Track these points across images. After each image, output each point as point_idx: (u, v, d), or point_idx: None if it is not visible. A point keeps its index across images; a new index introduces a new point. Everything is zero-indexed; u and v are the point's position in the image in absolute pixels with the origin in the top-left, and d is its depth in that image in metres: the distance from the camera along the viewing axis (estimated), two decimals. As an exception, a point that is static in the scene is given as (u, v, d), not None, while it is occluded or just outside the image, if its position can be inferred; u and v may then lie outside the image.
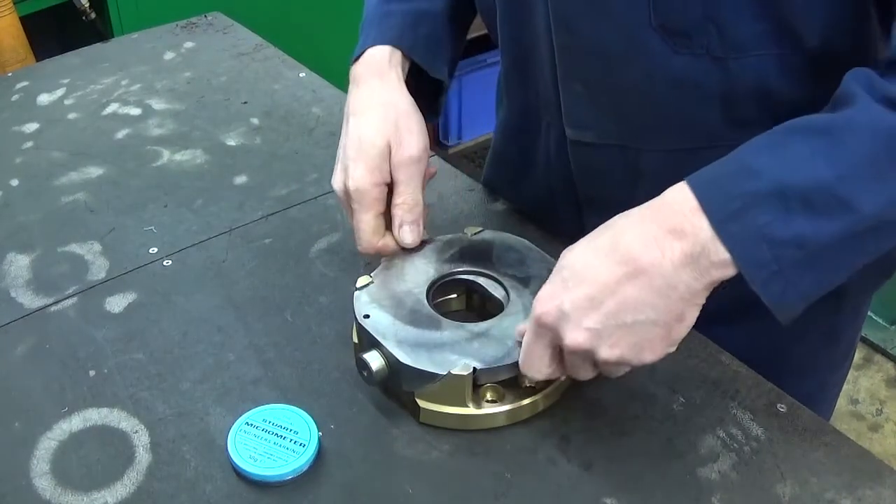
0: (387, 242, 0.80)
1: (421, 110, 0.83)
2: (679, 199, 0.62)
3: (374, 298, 0.77)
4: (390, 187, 0.79)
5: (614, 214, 0.87)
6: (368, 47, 0.84)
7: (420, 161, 0.80)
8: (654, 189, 0.82)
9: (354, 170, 0.78)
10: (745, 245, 0.60)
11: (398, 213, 0.79)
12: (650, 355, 0.65)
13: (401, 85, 0.83)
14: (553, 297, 0.66)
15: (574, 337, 0.64)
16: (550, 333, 0.66)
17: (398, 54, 0.84)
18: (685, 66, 0.73)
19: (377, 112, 0.80)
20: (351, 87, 0.84)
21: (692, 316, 0.64)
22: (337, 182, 0.80)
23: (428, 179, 0.84)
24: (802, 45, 0.71)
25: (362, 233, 0.79)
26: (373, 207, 0.78)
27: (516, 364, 0.70)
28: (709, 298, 0.63)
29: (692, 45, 0.71)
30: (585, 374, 0.67)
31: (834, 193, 0.59)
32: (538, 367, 0.69)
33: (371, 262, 0.83)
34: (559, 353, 0.67)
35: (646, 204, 0.65)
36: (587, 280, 0.64)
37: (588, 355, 0.65)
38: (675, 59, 0.72)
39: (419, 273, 0.80)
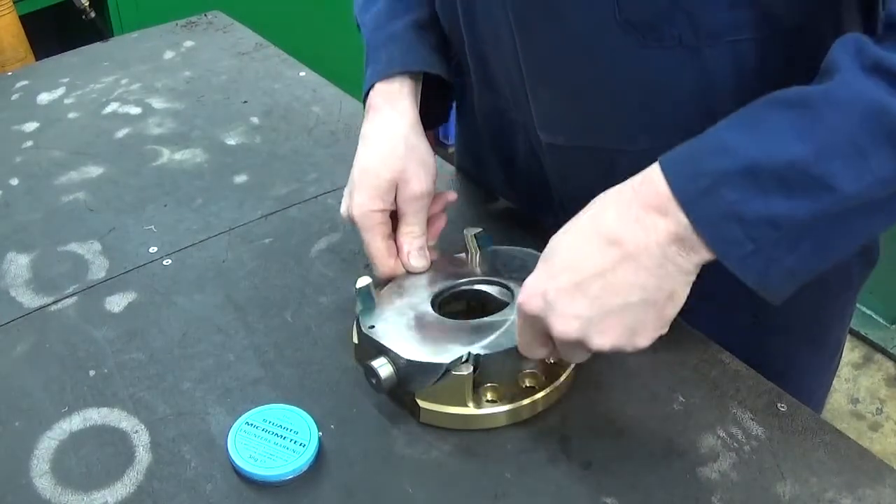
0: (398, 265, 0.82)
1: (431, 116, 0.83)
2: (656, 178, 0.61)
3: (379, 308, 0.77)
4: (394, 213, 0.81)
5: None
6: (379, 80, 0.84)
7: (427, 196, 0.81)
8: None
9: (358, 196, 0.80)
10: (715, 224, 0.58)
11: (405, 241, 0.81)
12: (643, 339, 0.63)
13: (413, 114, 0.84)
14: (537, 285, 0.64)
15: (562, 327, 0.63)
16: (538, 321, 0.65)
17: (409, 82, 0.84)
18: (655, 60, 0.70)
19: (387, 144, 0.81)
20: (366, 114, 0.85)
21: (683, 293, 0.62)
22: (343, 207, 0.82)
23: (447, 207, 0.86)
24: (781, 28, 0.68)
25: (376, 258, 0.80)
26: (377, 231, 0.80)
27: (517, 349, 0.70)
28: (689, 296, 0.62)
29: (662, 38, 0.69)
30: (579, 358, 0.66)
31: (809, 172, 0.56)
32: (533, 351, 0.68)
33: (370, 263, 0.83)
34: (551, 337, 0.66)
35: (626, 183, 0.63)
36: (571, 266, 0.63)
37: (578, 344, 0.64)
38: (643, 54, 0.70)
39: (424, 287, 0.80)
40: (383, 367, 0.72)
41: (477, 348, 0.71)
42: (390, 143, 0.81)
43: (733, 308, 0.83)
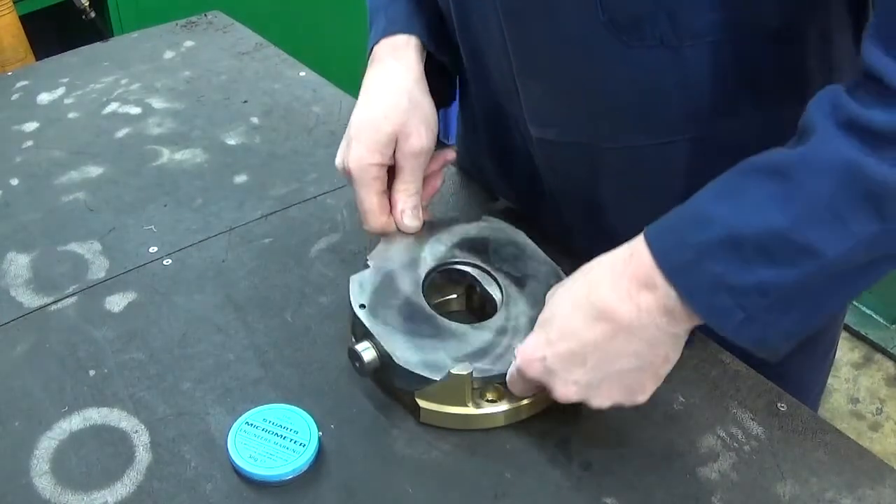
0: (390, 222, 0.81)
1: (434, 99, 0.83)
2: (643, 250, 0.62)
3: (370, 286, 0.76)
4: (391, 168, 0.80)
5: (582, 211, 0.87)
6: (384, 36, 0.84)
7: (426, 153, 0.80)
8: (616, 186, 0.82)
9: (356, 148, 0.78)
10: (703, 295, 0.60)
11: (400, 198, 0.80)
12: (642, 396, 0.67)
13: (419, 69, 0.83)
14: (537, 350, 0.67)
15: (564, 392, 0.67)
16: (537, 381, 0.68)
17: (415, 40, 0.84)
18: (639, 59, 0.71)
19: (390, 97, 0.80)
20: (369, 65, 0.84)
21: (676, 353, 0.65)
22: (338, 158, 0.81)
23: (445, 165, 0.85)
24: (764, 30, 0.69)
25: (366, 212, 0.79)
26: (372, 186, 0.78)
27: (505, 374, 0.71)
28: None
29: (644, 37, 0.69)
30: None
31: (790, 240, 0.57)
32: (523, 394, 0.72)
33: (370, 264, 0.82)
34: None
35: (618, 252, 0.65)
36: (568, 336, 0.66)
37: (579, 404, 0.67)
38: (627, 53, 0.70)
39: (416, 260, 0.80)
40: (367, 351, 0.72)
41: (468, 367, 0.71)
42: (394, 95, 0.80)
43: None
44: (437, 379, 0.70)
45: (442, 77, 0.90)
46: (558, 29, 0.73)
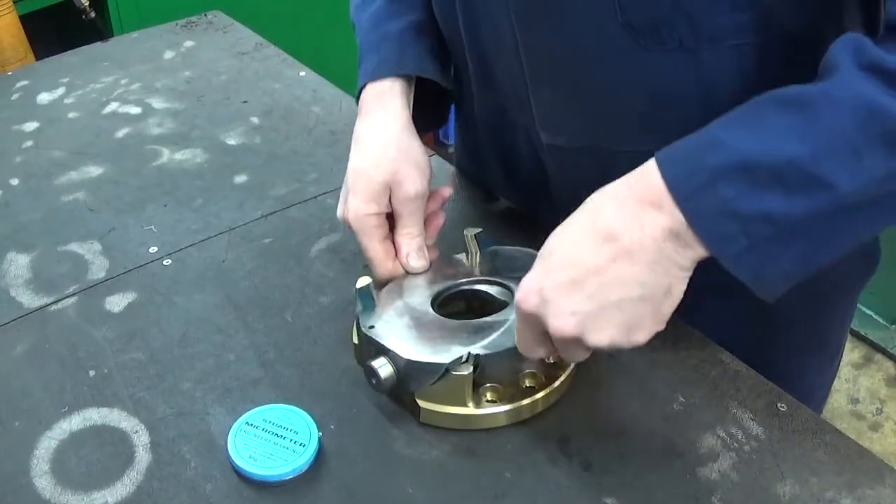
0: (397, 266, 0.81)
1: (430, 118, 0.83)
2: (652, 173, 0.61)
3: (379, 308, 0.77)
4: (391, 214, 0.81)
5: None
6: (370, 81, 0.84)
7: (422, 197, 0.81)
8: None
9: (352, 201, 0.79)
10: (710, 219, 0.58)
11: (403, 242, 0.81)
12: (641, 335, 0.63)
13: (405, 115, 0.83)
14: (533, 282, 0.64)
15: (558, 324, 0.63)
16: (535, 319, 0.65)
17: (400, 82, 0.84)
18: (656, 63, 0.70)
19: (379, 147, 0.81)
20: (358, 115, 0.85)
21: (680, 289, 0.62)
22: (339, 210, 0.82)
23: (444, 203, 0.86)
24: (782, 32, 0.68)
25: (374, 261, 0.80)
26: (374, 235, 0.80)
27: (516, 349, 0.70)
28: (687, 291, 0.62)
29: (662, 40, 0.69)
30: (579, 357, 0.66)
31: (807, 170, 0.57)
32: (532, 350, 0.68)
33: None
34: (549, 335, 0.66)
35: (623, 178, 0.63)
36: (568, 263, 0.63)
37: (576, 341, 0.63)
38: (644, 56, 0.70)
39: (424, 288, 0.80)
40: (383, 368, 0.72)
41: (477, 348, 0.71)
42: (382, 145, 0.81)
43: (734, 308, 0.83)
44: (448, 362, 0.70)
45: (438, 97, 0.90)
46: (573, 33, 0.72)
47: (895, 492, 0.68)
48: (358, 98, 0.86)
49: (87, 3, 1.82)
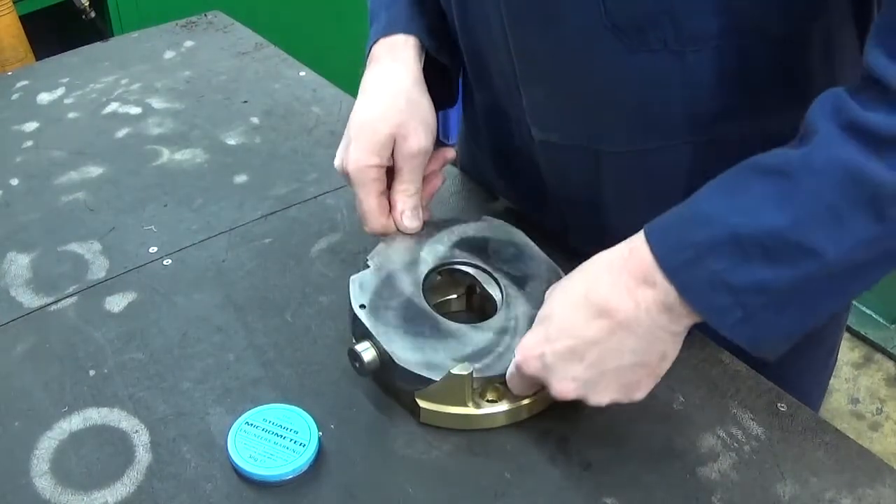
0: (390, 223, 0.81)
1: (436, 100, 0.82)
2: (642, 249, 0.62)
3: (371, 286, 0.77)
4: (391, 168, 0.80)
5: (584, 212, 0.87)
6: (382, 36, 0.83)
7: (424, 154, 0.80)
8: (618, 189, 0.82)
9: (354, 150, 0.78)
10: (702, 293, 0.60)
11: (399, 199, 0.80)
12: (639, 393, 0.67)
13: (416, 68, 0.82)
14: (535, 347, 0.67)
15: (561, 387, 0.67)
16: (536, 379, 0.68)
17: (413, 39, 0.83)
18: (642, 64, 0.71)
19: (387, 98, 0.79)
20: (367, 65, 0.84)
21: (674, 351, 0.65)
22: (337, 160, 0.81)
23: (445, 165, 0.85)
24: (767, 35, 0.69)
25: (366, 213, 0.79)
26: (371, 187, 0.78)
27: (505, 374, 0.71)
28: None
29: (648, 42, 0.69)
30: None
31: (789, 240, 0.57)
32: (523, 392, 0.72)
33: (369, 264, 0.82)
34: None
35: (616, 249, 0.65)
36: (567, 333, 0.66)
37: (577, 400, 0.67)
38: (631, 58, 0.70)
39: (416, 260, 0.80)
40: (367, 352, 0.72)
41: (469, 368, 0.71)
42: (391, 96, 0.79)
43: None
44: (437, 379, 0.70)
45: (443, 78, 0.89)
46: (562, 33, 0.73)
47: (895, 492, 0.68)
48: (367, 56, 0.84)
49: (87, 3, 1.82)
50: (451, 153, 0.86)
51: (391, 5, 0.86)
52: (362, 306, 0.75)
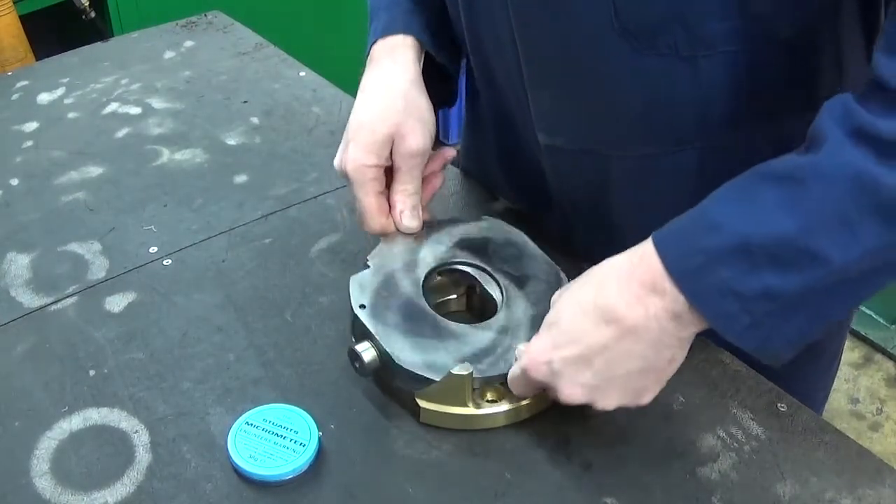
0: (389, 223, 0.81)
1: (436, 99, 0.82)
2: (651, 255, 0.62)
3: (371, 286, 0.77)
4: (389, 168, 0.80)
5: (590, 217, 0.87)
6: (381, 37, 0.84)
7: (423, 153, 0.80)
8: (624, 194, 0.82)
9: (352, 150, 0.78)
10: (711, 300, 0.60)
11: (398, 199, 0.80)
12: (646, 397, 0.67)
13: (415, 69, 0.82)
14: (543, 354, 0.67)
15: (569, 392, 0.67)
16: (543, 383, 0.68)
17: (412, 39, 0.83)
18: (651, 68, 0.71)
19: (386, 98, 0.80)
20: (367, 66, 0.84)
21: (682, 356, 0.66)
22: (336, 160, 0.81)
23: (445, 164, 0.85)
24: (777, 40, 0.69)
25: (367, 214, 0.79)
26: (370, 187, 0.79)
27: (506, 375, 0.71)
28: None
29: (658, 46, 0.69)
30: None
31: (798, 246, 0.57)
32: (524, 394, 0.72)
33: (369, 264, 0.82)
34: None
35: (625, 256, 0.65)
36: (575, 339, 0.66)
37: (585, 404, 0.67)
38: (640, 61, 0.70)
39: (416, 260, 0.80)
40: (367, 352, 0.72)
41: (469, 368, 0.71)
42: (389, 96, 0.80)
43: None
44: (438, 379, 0.70)
45: (443, 78, 0.89)
46: (571, 37, 0.72)
47: (895, 492, 0.68)
48: (367, 56, 0.85)
49: (87, 3, 1.82)
50: (451, 153, 0.86)
51: (391, 5, 0.86)
52: (362, 306, 0.75)
